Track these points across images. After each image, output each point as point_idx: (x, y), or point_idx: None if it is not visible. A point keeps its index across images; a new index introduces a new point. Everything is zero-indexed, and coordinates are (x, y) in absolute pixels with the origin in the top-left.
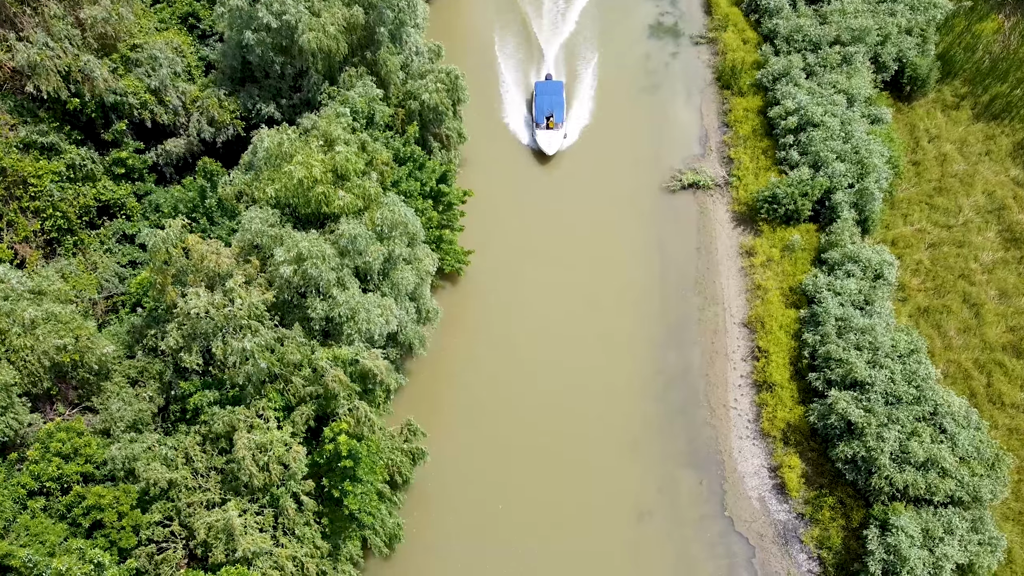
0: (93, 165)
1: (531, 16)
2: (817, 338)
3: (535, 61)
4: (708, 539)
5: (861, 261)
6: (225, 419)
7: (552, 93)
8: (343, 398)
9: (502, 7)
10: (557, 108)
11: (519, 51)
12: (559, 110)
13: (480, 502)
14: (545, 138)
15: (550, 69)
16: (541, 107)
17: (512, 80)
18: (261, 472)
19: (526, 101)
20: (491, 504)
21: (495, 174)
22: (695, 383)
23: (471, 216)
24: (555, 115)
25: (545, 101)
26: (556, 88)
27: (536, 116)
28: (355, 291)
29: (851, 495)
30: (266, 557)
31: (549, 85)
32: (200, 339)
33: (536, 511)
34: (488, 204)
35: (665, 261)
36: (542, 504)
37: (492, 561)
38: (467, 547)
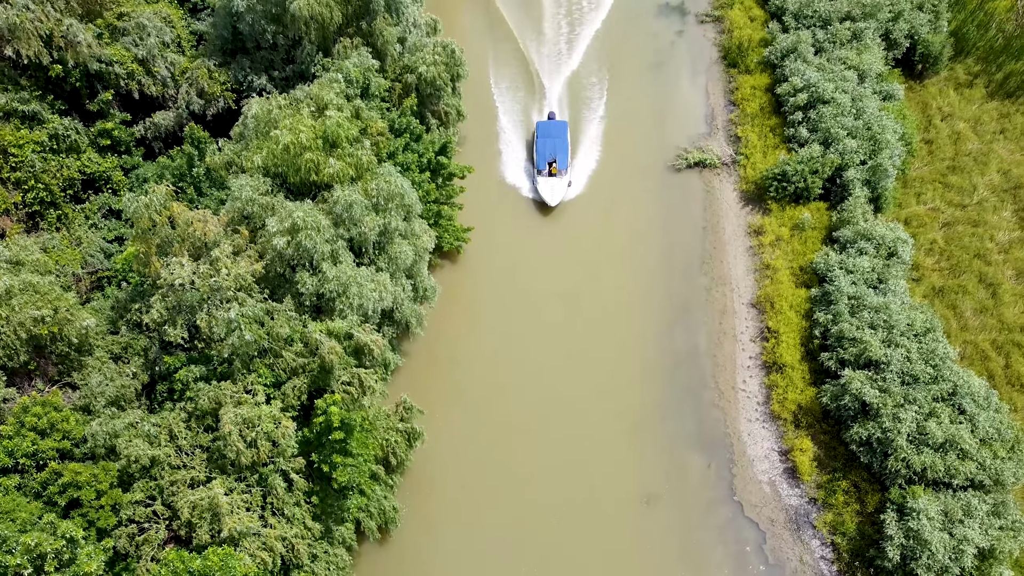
0: (77, 136)
1: (531, 51)
2: (829, 317)
3: (536, 99)
4: (717, 524)
5: (874, 239)
6: (211, 394)
7: (555, 135)
8: (340, 371)
9: (498, 39)
10: (561, 152)
11: (518, 88)
12: (563, 154)
13: (479, 486)
14: (547, 187)
15: (553, 107)
16: (543, 151)
17: (509, 123)
18: (249, 449)
19: (526, 143)
20: (491, 488)
21: (492, 219)
22: (702, 364)
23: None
24: (558, 160)
25: (547, 144)
26: (560, 129)
27: (537, 161)
28: (348, 265)
29: (866, 479)
30: (253, 538)
31: (552, 126)
32: (185, 312)
33: (537, 496)
34: (485, 245)
35: (670, 240)
36: (544, 488)
37: (492, 547)
38: (466, 532)
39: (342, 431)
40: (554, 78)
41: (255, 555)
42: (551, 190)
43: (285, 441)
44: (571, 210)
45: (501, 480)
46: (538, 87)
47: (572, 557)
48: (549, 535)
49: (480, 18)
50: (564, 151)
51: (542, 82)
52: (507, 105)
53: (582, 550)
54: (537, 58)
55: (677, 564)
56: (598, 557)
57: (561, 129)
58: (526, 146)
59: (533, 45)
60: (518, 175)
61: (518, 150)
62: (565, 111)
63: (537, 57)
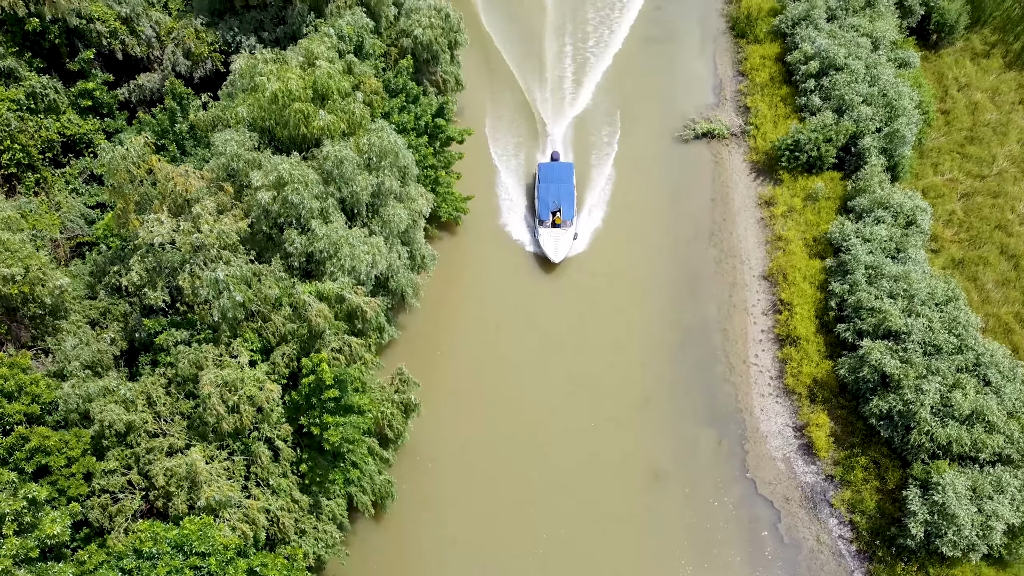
0: (56, 96)
1: (532, 90)
2: (846, 287)
3: (538, 140)
4: (729, 502)
5: (892, 207)
6: (191, 357)
7: (559, 179)
8: (330, 335)
9: (495, 78)
10: (566, 199)
11: (518, 129)
12: (568, 202)
13: (480, 463)
14: (550, 240)
15: (557, 147)
16: (545, 198)
17: (507, 169)
18: (231, 415)
19: (526, 187)
20: (492, 466)
21: (488, 276)
22: (712, 338)
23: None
24: (563, 209)
25: (550, 190)
26: (564, 172)
27: (539, 210)
28: (339, 225)
29: (886, 455)
30: (234, 509)
31: (556, 168)
32: (166, 274)
33: (541, 473)
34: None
35: (678, 212)
36: (547, 466)
37: (493, 526)
38: (466, 510)
39: (336, 389)
40: (558, 118)
41: (236, 527)
42: (555, 244)
43: (269, 405)
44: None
45: (503, 457)
46: (540, 125)
47: (577, 537)
48: (553, 514)
49: (475, 55)
50: (569, 198)
51: (544, 120)
52: (505, 152)
53: (588, 529)
54: (539, 96)
55: (687, 543)
56: (604, 536)
57: (566, 172)
58: (526, 192)
59: (535, 84)
60: (518, 227)
61: (515, 195)
62: (570, 152)
63: (539, 95)
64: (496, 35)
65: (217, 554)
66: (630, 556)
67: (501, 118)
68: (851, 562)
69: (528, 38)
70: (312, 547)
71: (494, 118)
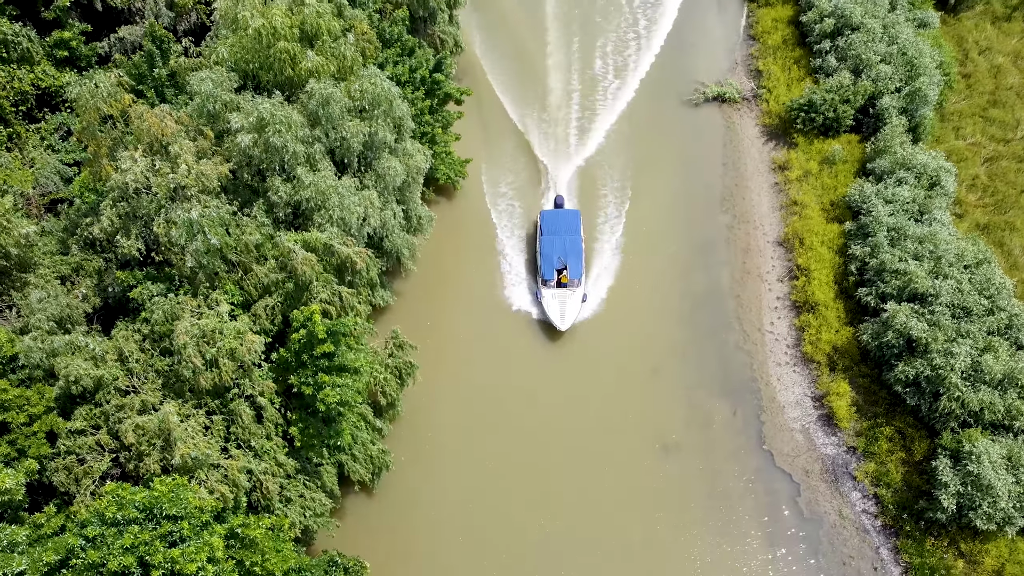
0: (30, 44)
1: (532, 135)
2: (867, 250)
3: (540, 189)
4: (744, 475)
5: (915, 168)
6: (166, 307)
7: (565, 229)
8: (317, 286)
9: (491, 120)
10: (573, 254)
11: (518, 178)
12: (575, 257)
13: (481, 435)
14: (555, 304)
15: (561, 192)
16: (548, 253)
17: (506, 226)
18: (209, 371)
19: (526, 236)
20: (493, 438)
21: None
22: (725, 305)
23: None
24: (569, 266)
25: (555, 243)
26: (570, 221)
27: (542, 267)
28: (327, 174)
29: (912, 424)
30: (212, 470)
31: (561, 217)
32: (141, 222)
33: (545, 445)
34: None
35: (689, 177)
36: (552, 439)
37: (494, 499)
38: (465, 484)
39: (330, 343)
40: (562, 165)
41: (214, 489)
42: (560, 308)
43: (251, 357)
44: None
45: (505, 429)
46: (543, 173)
47: (583, 512)
48: (558, 489)
49: (469, 102)
50: (577, 252)
51: (546, 166)
52: (504, 206)
53: (594, 505)
54: (540, 142)
55: (701, 517)
56: (612, 512)
57: (572, 221)
58: (526, 245)
59: (534, 127)
60: (518, 291)
61: (515, 252)
62: (575, 200)
63: (541, 141)
64: (497, 84)
65: (191, 517)
66: (639, 532)
67: (500, 167)
68: (876, 537)
69: (531, 79)
70: (299, 516)
71: (491, 170)
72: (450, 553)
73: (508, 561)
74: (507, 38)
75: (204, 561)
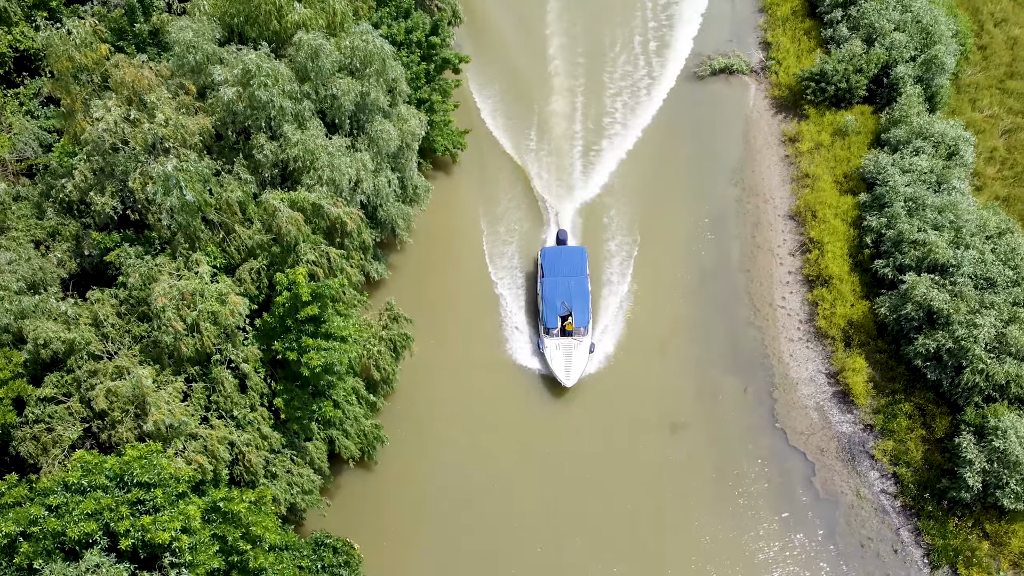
0: (7, 4)
1: (532, 172)
2: (883, 221)
3: (543, 226)
4: (756, 454)
5: (932, 137)
6: (143, 270)
7: (569, 270)
8: (304, 248)
9: (488, 159)
10: (578, 298)
11: (515, 215)
12: (581, 302)
13: (481, 410)
14: (560, 355)
15: (565, 227)
16: (551, 297)
17: (506, 269)
18: (191, 337)
19: (525, 275)
20: (494, 414)
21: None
22: (735, 280)
23: None
24: (575, 311)
25: (557, 287)
26: (575, 260)
27: (543, 313)
28: (316, 133)
29: (932, 400)
30: (189, 438)
31: (564, 255)
32: (117, 178)
33: (546, 424)
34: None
35: (697, 150)
36: (553, 417)
37: (496, 475)
38: (460, 464)
39: (315, 305)
40: (565, 203)
41: (192, 459)
42: (566, 361)
43: (235, 319)
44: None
45: (505, 404)
46: (544, 213)
47: (587, 491)
48: (561, 468)
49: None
50: (583, 295)
51: (547, 206)
52: (503, 256)
53: (598, 485)
54: (542, 184)
55: (711, 498)
56: (617, 492)
57: (576, 260)
58: (526, 288)
59: (534, 167)
60: (518, 346)
61: (513, 297)
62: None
63: (543, 184)
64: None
65: (165, 486)
66: (645, 514)
67: (498, 221)
68: (896, 518)
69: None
70: (284, 492)
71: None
72: (445, 533)
73: (506, 544)
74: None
75: (178, 531)
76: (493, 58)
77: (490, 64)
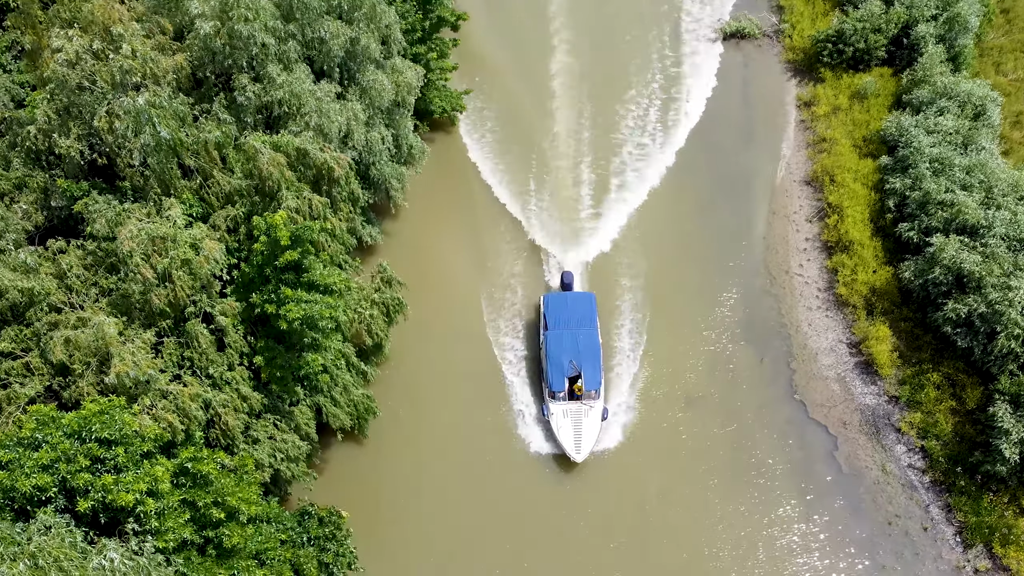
0: None
1: (532, 225)
2: (907, 182)
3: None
4: (775, 427)
5: (958, 97)
6: (109, 215)
7: (576, 321)
8: (287, 194)
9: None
10: (588, 355)
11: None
12: (592, 359)
13: (472, 383)
14: (568, 425)
15: (571, 270)
16: (556, 354)
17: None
18: (162, 288)
19: (524, 322)
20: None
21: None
22: (750, 247)
23: None
24: (585, 372)
25: (563, 341)
26: (583, 309)
27: (548, 374)
28: (303, 76)
29: (962, 370)
30: (157, 395)
31: (570, 302)
32: (83, 119)
33: None
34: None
35: (709, 116)
36: None
37: (486, 458)
38: (455, 435)
39: (295, 250)
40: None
41: (160, 417)
42: (575, 432)
43: (210, 267)
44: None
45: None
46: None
47: (603, 468)
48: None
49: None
50: (593, 351)
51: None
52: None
53: (613, 457)
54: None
55: (728, 473)
56: (634, 466)
57: (585, 309)
58: (528, 343)
59: (534, 217)
60: (523, 421)
61: (514, 357)
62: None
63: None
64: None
65: (128, 444)
66: (655, 488)
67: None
68: (925, 494)
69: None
70: (267, 457)
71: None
72: (438, 510)
73: (502, 523)
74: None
75: (142, 494)
76: None
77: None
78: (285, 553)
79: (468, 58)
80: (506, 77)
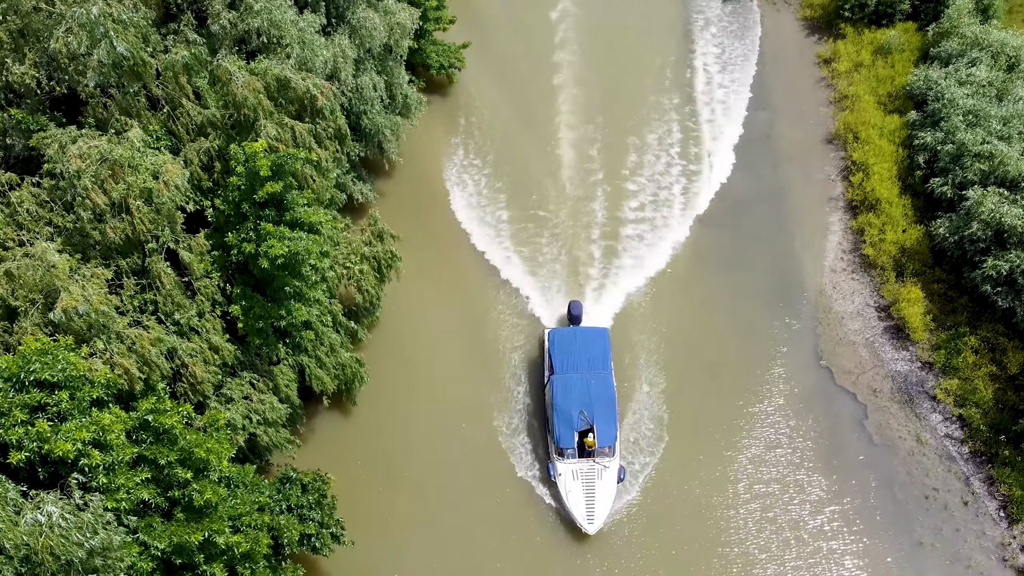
0: None
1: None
2: (939, 136)
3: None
4: (800, 396)
5: (991, 47)
6: (63, 139)
7: (588, 363)
8: (265, 123)
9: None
10: (602, 405)
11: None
12: (606, 409)
13: (467, 346)
14: (578, 489)
15: (581, 301)
16: (564, 404)
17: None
18: (119, 220)
19: (528, 366)
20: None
21: None
22: (771, 207)
23: None
24: (598, 425)
25: (573, 388)
26: (595, 347)
27: (555, 428)
28: (284, 4)
29: (1003, 332)
30: (114, 339)
31: (580, 339)
32: (39, 46)
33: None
34: None
35: (723, 77)
36: None
37: (487, 449)
38: (447, 400)
39: (277, 182)
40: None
41: (116, 363)
42: (584, 495)
43: (171, 194)
44: None
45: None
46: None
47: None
48: None
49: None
50: (608, 400)
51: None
52: None
53: (629, 430)
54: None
55: (750, 443)
56: (646, 428)
57: (597, 347)
58: (534, 390)
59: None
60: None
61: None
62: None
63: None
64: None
65: (74, 388)
66: (674, 461)
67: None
68: (964, 466)
69: None
70: (241, 417)
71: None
72: (428, 481)
73: (497, 505)
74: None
75: (86, 444)
76: None
77: None
78: (264, 518)
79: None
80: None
